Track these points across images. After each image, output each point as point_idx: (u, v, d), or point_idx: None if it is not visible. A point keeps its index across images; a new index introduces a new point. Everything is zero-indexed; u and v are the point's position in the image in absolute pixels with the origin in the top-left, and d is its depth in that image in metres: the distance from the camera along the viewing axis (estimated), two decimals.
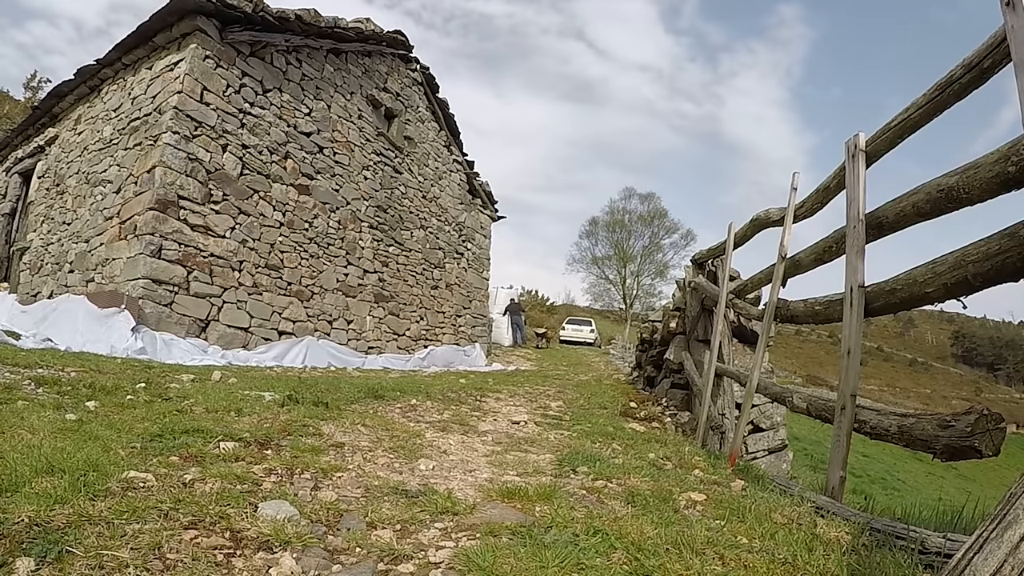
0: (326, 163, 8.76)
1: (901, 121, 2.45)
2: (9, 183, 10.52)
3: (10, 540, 1.34)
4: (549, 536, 1.75)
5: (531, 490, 2.27)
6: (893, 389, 64.45)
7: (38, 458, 1.82)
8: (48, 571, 1.27)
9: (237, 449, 2.40)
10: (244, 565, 1.46)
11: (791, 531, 1.90)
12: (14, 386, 3.09)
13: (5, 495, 1.55)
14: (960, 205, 2.06)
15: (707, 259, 6.25)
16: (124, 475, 1.84)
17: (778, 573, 1.55)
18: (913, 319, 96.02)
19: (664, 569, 1.52)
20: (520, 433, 3.88)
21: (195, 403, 3.23)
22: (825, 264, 3.21)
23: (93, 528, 1.46)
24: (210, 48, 6.88)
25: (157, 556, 1.41)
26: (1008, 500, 0.92)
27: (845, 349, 2.58)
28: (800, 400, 3.01)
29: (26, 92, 28.09)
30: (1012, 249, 1.77)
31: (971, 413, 1.79)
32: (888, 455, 19.03)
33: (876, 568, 1.55)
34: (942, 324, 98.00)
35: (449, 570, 1.53)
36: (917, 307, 2.39)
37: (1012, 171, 1.79)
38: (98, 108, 8.23)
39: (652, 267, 39.63)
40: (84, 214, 7.56)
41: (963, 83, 2.08)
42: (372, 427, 3.33)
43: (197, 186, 6.71)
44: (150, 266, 6.21)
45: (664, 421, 5.50)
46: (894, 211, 2.45)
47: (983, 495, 3.12)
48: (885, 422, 2.22)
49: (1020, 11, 1.74)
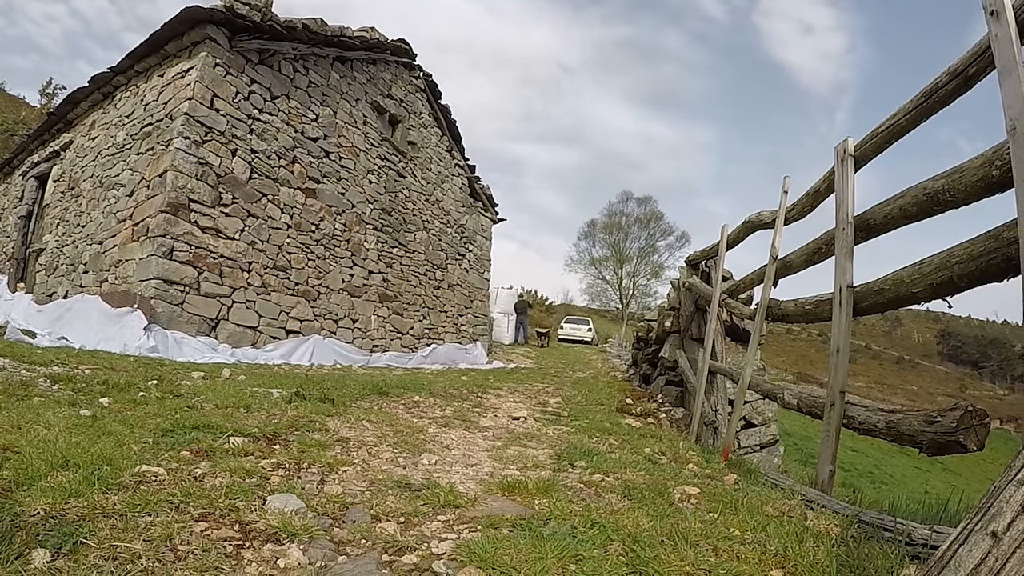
0: (332, 167, 8.76)
1: (889, 127, 2.45)
2: (26, 187, 10.51)
3: (27, 532, 1.34)
4: (548, 528, 1.75)
5: (530, 484, 2.27)
6: (881, 386, 64.43)
7: (53, 453, 1.82)
8: (63, 562, 1.26)
9: (246, 444, 2.40)
10: (253, 556, 1.46)
11: (782, 523, 1.90)
12: (30, 383, 3.09)
13: (22, 488, 1.56)
14: (946, 208, 2.06)
15: (701, 260, 6.25)
16: (137, 469, 1.84)
17: (770, 564, 1.55)
18: (900, 318, 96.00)
19: (659, 560, 1.52)
20: (520, 429, 3.88)
21: (205, 400, 3.23)
22: (815, 265, 3.21)
23: (107, 521, 1.46)
24: (220, 56, 6.88)
25: (169, 548, 1.41)
26: (992, 493, 0.92)
27: (834, 347, 2.58)
28: (791, 397, 3.01)
29: (42, 98, 28.12)
30: (996, 250, 1.77)
31: (956, 409, 1.79)
32: (876, 450, 19.02)
33: (865, 559, 1.55)
34: (928, 323, 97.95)
35: (451, 561, 1.53)
36: (904, 306, 2.39)
37: (996, 175, 1.79)
38: (111, 114, 8.23)
39: (648, 268, 39.69)
40: (98, 217, 7.56)
41: (948, 90, 2.08)
42: (376, 423, 3.33)
43: (207, 189, 6.71)
44: (162, 267, 6.21)
45: (659, 417, 5.50)
46: (882, 214, 2.45)
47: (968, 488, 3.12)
48: (873, 418, 2.22)
49: (1004, 21, 1.74)
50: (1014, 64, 1.70)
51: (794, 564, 1.55)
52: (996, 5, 1.78)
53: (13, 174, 12.08)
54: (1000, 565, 0.86)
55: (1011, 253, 1.70)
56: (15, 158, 12.00)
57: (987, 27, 1.83)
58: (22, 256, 10.13)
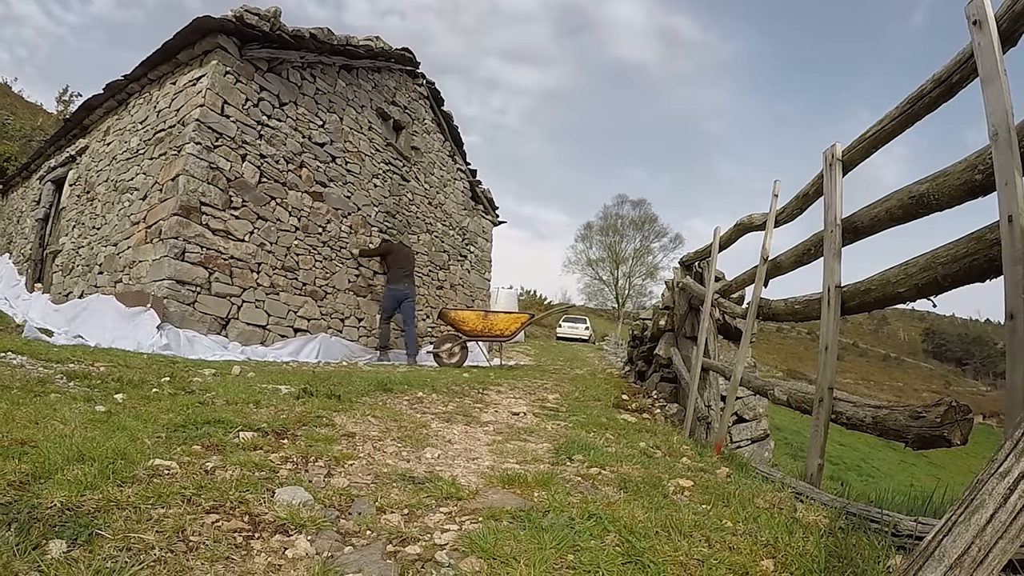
0: (338, 172, 8.76)
1: (875, 132, 2.45)
2: (43, 190, 10.51)
3: (44, 524, 1.34)
4: (547, 520, 1.75)
5: (530, 477, 2.27)
6: (868, 382, 64.39)
7: (69, 447, 1.82)
8: (79, 552, 1.27)
9: (255, 439, 2.40)
10: (262, 547, 1.46)
11: (773, 515, 1.90)
12: (47, 380, 3.09)
13: (39, 482, 1.56)
14: (930, 211, 2.06)
15: (694, 261, 6.25)
16: (150, 463, 1.84)
17: (761, 554, 1.55)
18: (887, 317, 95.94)
19: (654, 551, 1.52)
20: (520, 423, 3.88)
21: (216, 396, 3.23)
22: (804, 266, 3.21)
23: (121, 512, 1.46)
24: (230, 64, 6.87)
25: (181, 539, 1.41)
26: (975, 486, 0.92)
27: (823, 345, 2.58)
28: (781, 393, 3.01)
29: (58, 105, 28.05)
30: (979, 252, 1.77)
31: (940, 405, 1.79)
32: (863, 444, 19.03)
33: (852, 549, 1.54)
34: (914, 321, 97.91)
35: (454, 552, 1.53)
36: (891, 306, 2.39)
37: (979, 179, 1.80)
38: (125, 120, 8.22)
39: (643, 268, 39.84)
40: (112, 219, 7.56)
41: (933, 96, 2.08)
42: (381, 418, 3.33)
43: (218, 193, 6.71)
44: (174, 268, 6.21)
45: (654, 412, 5.50)
46: (869, 216, 2.45)
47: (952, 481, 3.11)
48: (860, 413, 2.22)
49: (986, 30, 1.74)
50: (996, 72, 1.70)
51: (784, 554, 1.55)
52: (979, 15, 1.78)
53: (31, 178, 12.08)
54: (983, 555, 0.86)
55: (993, 254, 1.70)
56: (33, 163, 11.99)
57: (970, 36, 1.83)
58: (39, 257, 10.13)
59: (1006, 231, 1.61)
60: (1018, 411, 1.47)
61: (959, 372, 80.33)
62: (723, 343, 5.62)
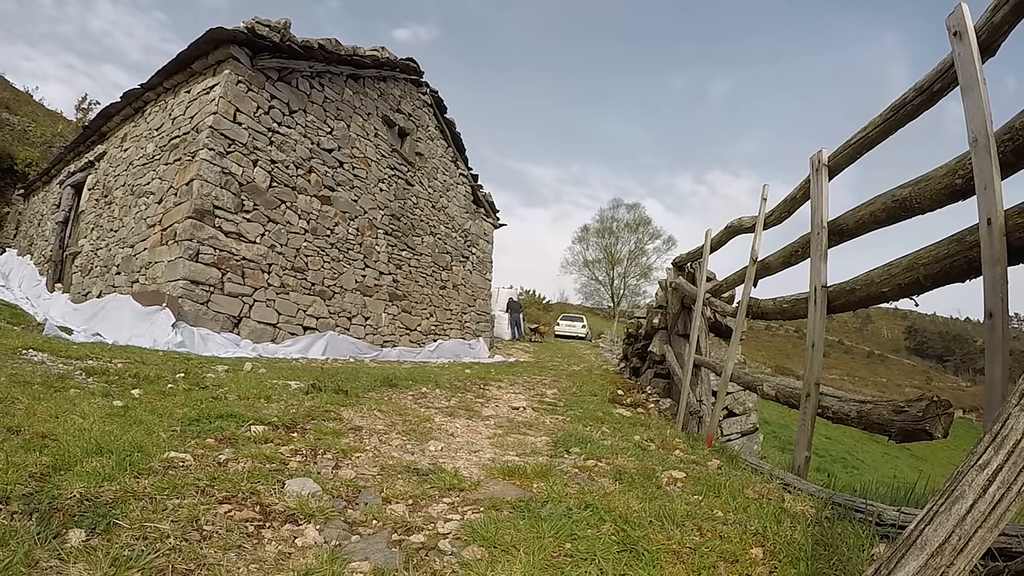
0: (346, 176, 8.76)
1: (860, 139, 2.45)
2: (63, 195, 10.52)
3: (64, 513, 1.34)
4: (545, 510, 1.75)
5: (529, 469, 2.27)
6: (853, 378, 64.39)
7: (88, 440, 1.82)
8: (98, 541, 1.27)
9: (266, 432, 2.40)
10: (273, 536, 1.46)
11: (762, 505, 1.90)
12: (67, 376, 3.09)
13: (59, 473, 1.56)
14: (913, 214, 2.06)
15: (686, 262, 6.25)
16: (165, 455, 1.84)
17: (750, 542, 1.55)
18: (871, 315, 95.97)
19: (648, 539, 1.52)
20: (519, 418, 3.88)
21: (229, 391, 3.23)
22: (792, 266, 3.21)
23: (137, 503, 1.46)
24: (242, 74, 6.87)
25: (195, 528, 1.41)
26: (955, 477, 0.92)
27: (810, 342, 2.58)
28: (770, 388, 3.01)
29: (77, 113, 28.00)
30: (959, 253, 1.77)
31: (922, 400, 1.79)
32: (848, 437, 19.01)
33: (838, 538, 1.55)
34: (897, 320, 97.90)
35: (456, 540, 1.53)
36: (875, 305, 2.39)
37: (959, 183, 1.80)
38: (142, 127, 8.22)
39: (637, 269, 39.79)
40: (129, 222, 7.56)
41: (915, 104, 2.08)
42: (387, 412, 3.33)
43: (230, 197, 6.71)
44: (188, 268, 6.21)
45: (648, 407, 5.50)
46: (853, 219, 2.45)
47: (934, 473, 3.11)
48: (846, 408, 2.22)
49: (966, 41, 1.74)
50: (975, 81, 1.70)
51: (773, 543, 1.55)
52: (959, 26, 1.78)
53: (51, 183, 12.08)
54: (963, 543, 0.86)
55: (973, 256, 1.70)
56: (53, 168, 12.00)
57: (951, 46, 1.83)
58: (59, 259, 10.14)
59: (985, 233, 1.61)
60: (997, 405, 1.47)
61: (940, 368, 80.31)
62: (714, 340, 5.62)
